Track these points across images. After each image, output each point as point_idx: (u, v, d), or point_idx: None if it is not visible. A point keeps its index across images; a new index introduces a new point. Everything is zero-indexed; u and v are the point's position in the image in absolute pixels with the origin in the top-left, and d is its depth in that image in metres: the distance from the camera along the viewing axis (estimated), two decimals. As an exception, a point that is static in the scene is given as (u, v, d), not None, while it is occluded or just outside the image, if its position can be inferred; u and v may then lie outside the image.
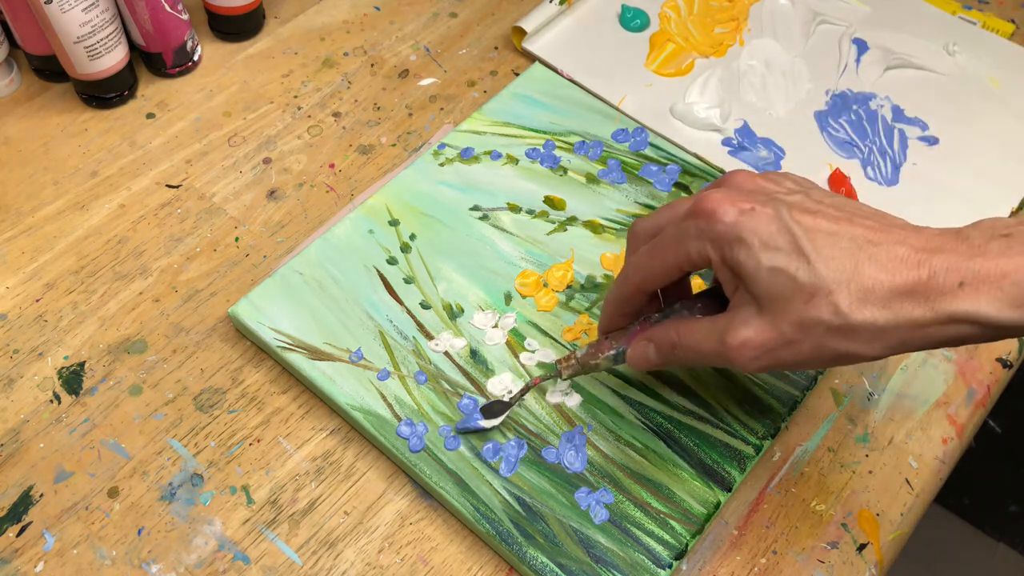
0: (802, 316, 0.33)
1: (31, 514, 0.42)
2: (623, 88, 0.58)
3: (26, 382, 0.46)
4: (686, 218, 0.36)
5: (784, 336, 0.33)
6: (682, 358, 0.37)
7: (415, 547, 0.41)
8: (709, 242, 0.34)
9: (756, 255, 0.33)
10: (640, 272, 0.38)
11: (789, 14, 0.63)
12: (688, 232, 0.35)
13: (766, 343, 0.34)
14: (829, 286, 0.32)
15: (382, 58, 0.61)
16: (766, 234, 0.33)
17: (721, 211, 0.34)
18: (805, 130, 0.56)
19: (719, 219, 0.34)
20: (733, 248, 0.34)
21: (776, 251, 0.33)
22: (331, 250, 0.49)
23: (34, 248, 0.51)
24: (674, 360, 0.38)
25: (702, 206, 0.35)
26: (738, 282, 0.35)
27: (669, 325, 0.38)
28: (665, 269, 0.37)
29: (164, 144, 0.56)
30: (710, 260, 0.35)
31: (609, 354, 0.40)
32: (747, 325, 0.34)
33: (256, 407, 0.45)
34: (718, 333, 0.35)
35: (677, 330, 0.37)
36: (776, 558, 0.42)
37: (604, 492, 0.41)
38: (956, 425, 0.46)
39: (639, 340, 0.39)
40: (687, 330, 0.37)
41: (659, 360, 0.38)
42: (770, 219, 0.33)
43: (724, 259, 0.34)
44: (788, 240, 0.33)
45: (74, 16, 0.51)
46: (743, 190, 0.36)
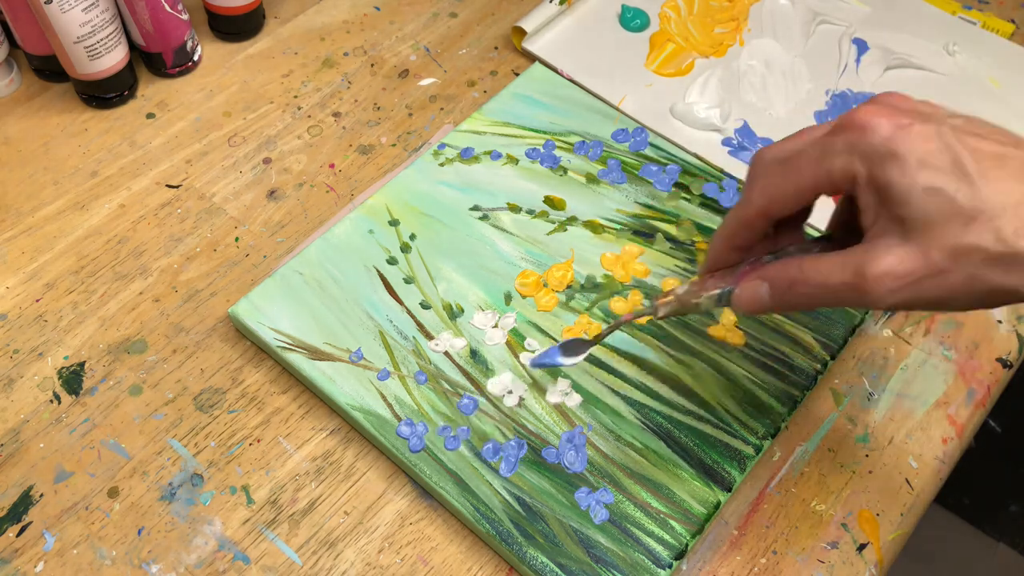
0: (958, 241, 0.29)
1: (31, 514, 0.42)
2: (623, 88, 0.58)
3: (26, 382, 0.46)
4: (833, 133, 0.32)
5: (933, 264, 0.30)
6: (803, 296, 0.33)
7: (415, 547, 0.41)
8: (859, 157, 0.31)
9: (911, 173, 0.30)
10: (767, 194, 0.34)
11: (789, 14, 0.63)
12: (834, 147, 0.31)
13: (911, 272, 0.30)
14: (993, 209, 0.29)
15: (382, 58, 0.61)
16: (924, 151, 0.30)
17: (875, 123, 0.30)
18: (805, 130, 0.56)
19: (873, 131, 0.30)
20: (885, 164, 0.30)
21: (935, 170, 0.30)
22: (331, 250, 0.49)
23: (34, 248, 0.51)
24: (792, 300, 0.33)
25: (854, 118, 0.31)
26: (882, 208, 0.31)
27: (788, 261, 0.34)
28: (799, 189, 0.33)
29: (164, 144, 0.56)
30: (855, 178, 0.31)
31: (713, 293, 0.36)
32: (889, 253, 0.30)
33: (256, 407, 0.45)
34: (853, 263, 0.31)
35: (799, 265, 0.33)
36: (776, 558, 0.42)
37: (604, 492, 0.41)
38: (956, 425, 0.46)
39: (751, 278, 0.35)
40: (812, 264, 0.33)
41: (773, 301, 0.34)
42: (930, 136, 0.30)
43: (872, 177, 0.31)
44: (949, 159, 0.30)
45: (74, 16, 0.51)
46: (899, 107, 0.32)
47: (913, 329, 0.49)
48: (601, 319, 0.47)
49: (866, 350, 0.48)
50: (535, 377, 0.45)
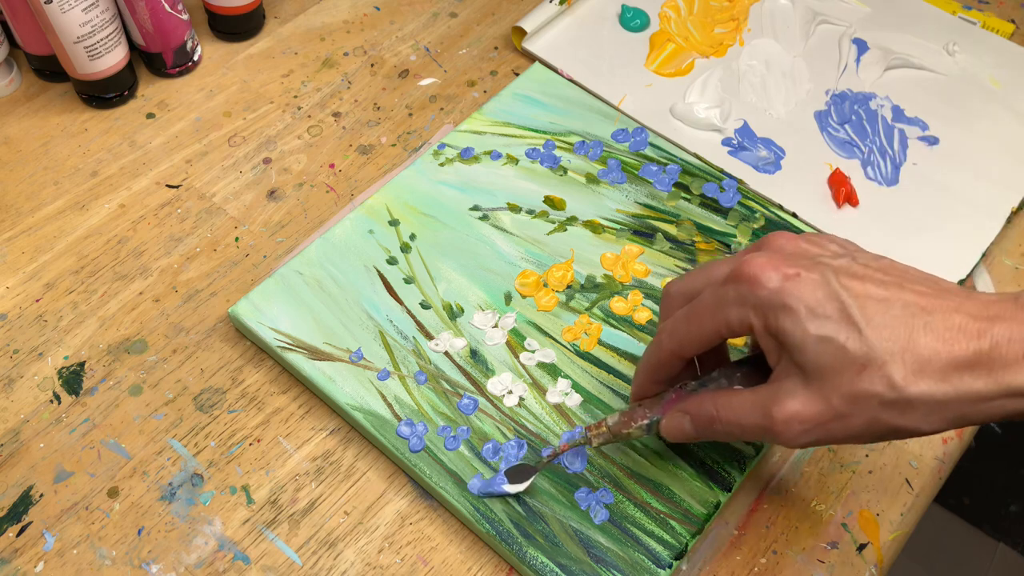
0: (853, 389, 0.31)
1: (31, 514, 0.42)
2: (623, 88, 0.58)
3: (26, 382, 0.46)
4: (726, 283, 0.34)
5: (835, 409, 0.32)
6: (721, 432, 0.35)
7: (415, 547, 0.41)
8: (751, 309, 0.33)
9: (803, 323, 0.31)
10: (675, 338, 0.36)
11: (789, 14, 0.63)
12: (728, 298, 0.33)
13: (816, 417, 0.32)
14: (882, 357, 0.31)
15: (382, 58, 0.61)
16: (813, 301, 0.31)
17: (764, 276, 0.32)
18: (805, 130, 0.56)
19: (762, 285, 0.32)
20: (778, 316, 0.32)
21: (824, 319, 0.31)
22: (331, 250, 0.49)
23: (34, 248, 0.51)
24: (712, 434, 0.36)
25: (743, 271, 0.33)
26: (782, 351, 0.33)
27: (706, 397, 0.36)
28: (702, 336, 0.35)
29: (164, 144, 0.56)
30: (751, 327, 0.33)
31: (642, 424, 0.38)
32: (793, 397, 0.32)
33: (256, 407, 0.45)
34: (762, 406, 0.33)
35: (715, 403, 0.35)
36: (776, 558, 0.42)
37: (604, 492, 0.41)
38: (956, 425, 0.46)
39: (674, 412, 0.37)
40: (726, 403, 0.35)
41: (696, 434, 0.36)
42: (816, 285, 0.32)
43: (767, 327, 0.32)
44: (837, 307, 0.31)
45: (74, 16, 0.51)
46: (785, 253, 0.34)
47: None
48: (601, 319, 0.47)
49: (866, 350, 0.48)
50: (535, 377, 0.45)
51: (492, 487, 0.41)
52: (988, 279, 0.51)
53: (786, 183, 0.53)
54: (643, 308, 0.47)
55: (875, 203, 0.53)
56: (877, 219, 0.52)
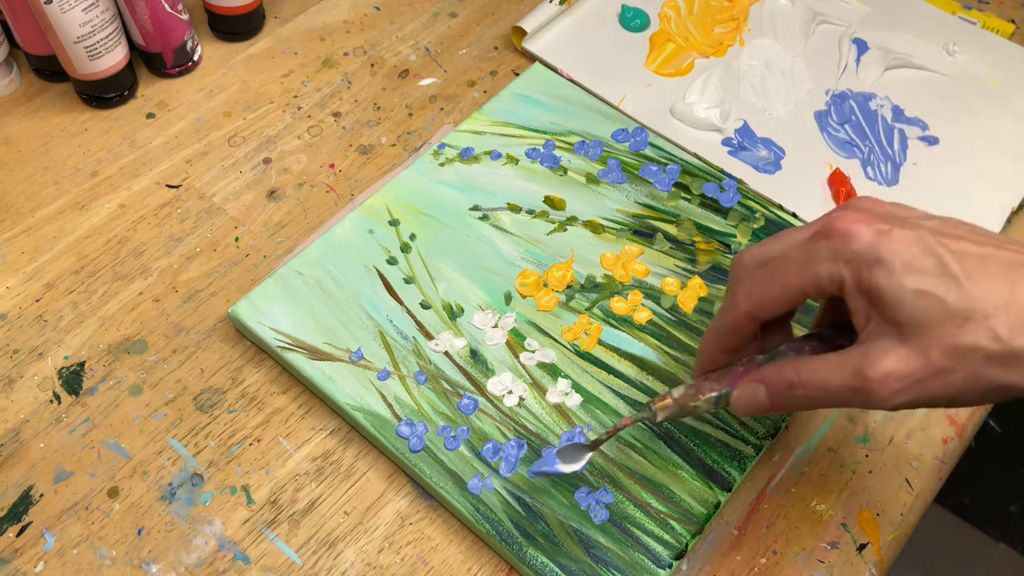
0: (956, 342, 0.30)
1: (31, 514, 0.42)
2: (623, 88, 0.58)
3: (26, 382, 0.46)
4: (815, 239, 0.33)
5: (934, 365, 0.30)
6: (803, 399, 0.34)
7: (415, 547, 0.41)
8: (844, 263, 0.32)
9: (898, 277, 0.30)
10: (753, 298, 0.34)
11: (789, 14, 0.63)
12: (818, 254, 0.32)
13: (914, 373, 0.31)
14: (985, 309, 0.30)
15: (382, 58, 0.61)
16: (909, 255, 0.31)
17: (856, 230, 0.31)
18: (805, 130, 0.56)
19: (856, 238, 0.31)
20: (872, 270, 0.31)
21: (922, 273, 0.30)
22: (331, 250, 0.49)
23: (34, 248, 0.51)
24: (792, 402, 0.34)
25: (835, 225, 0.32)
26: (872, 310, 0.32)
27: (784, 364, 0.34)
28: (787, 294, 0.33)
29: (164, 144, 0.56)
30: (842, 283, 0.32)
31: (711, 396, 0.36)
32: (889, 355, 0.31)
33: (256, 407, 0.45)
34: (852, 367, 0.32)
35: (796, 368, 0.33)
36: (776, 558, 0.42)
37: (604, 492, 0.41)
38: (956, 425, 0.46)
39: (747, 382, 0.35)
40: (809, 367, 0.33)
41: (771, 403, 0.35)
42: (912, 240, 0.31)
43: (860, 283, 0.31)
44: (934, 262, 0.30)
45: (74, 16, 0.51)
46: (875, 212, 0.33)
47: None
48: (601, 319, 0.47)
49: (866, 350, 0.48)
50: (535, 377, 0.45)
51: (544, 467, 0.40)
52: (988, 279, 0.51)
53: (786, 183, 0.53)
54: (643, 308, 0.47)
55: (875, 203, 0.53)
56: (877, 219, 0.52)
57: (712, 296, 0.48)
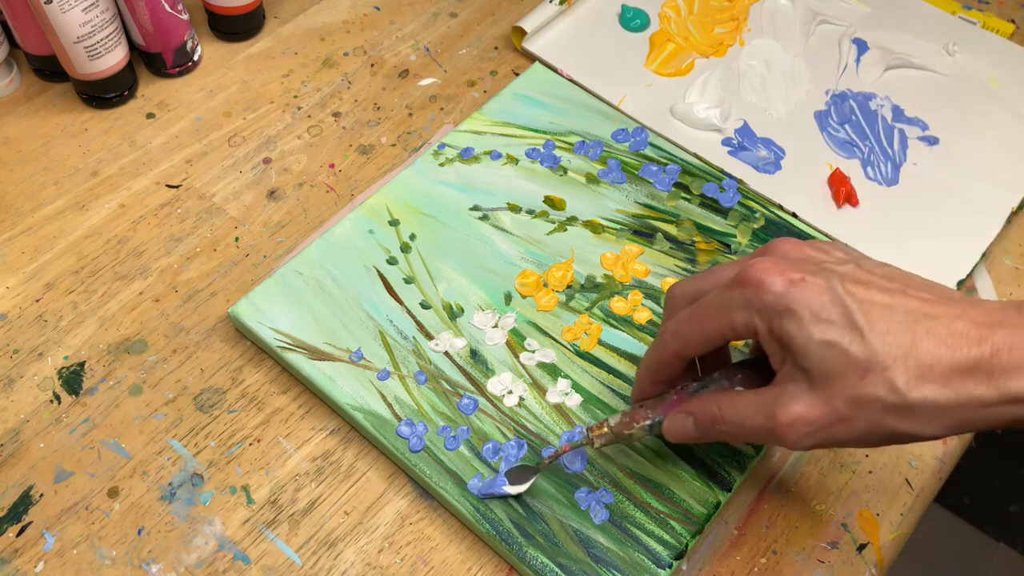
0: (856, 392, 0.31)
1: (31, 514, 0.42)
2: (623, 88, 0.58)
3: (26, 382, 0.46)
4: (731, 286, 0.34)
5: (837, 413, 0.32)
6: (725, 432, 0.35)
7: (415, 547, 0.41)
8: (756, 312, 0.33)
9: (807, 328, 0.32)
10: (679, 338, 0.36)
11: (789, 14, 0.63)
12: (734, 301, 0.34)
13: (819, 420, 0.32)
14: (885, 361, 0.31)
15: (382, 58, 0.61)
16: (817, 305, 0.32)
17: (769, 281, 0.33)
18: (805, 130, 0.56)
19: (767, 289, 0.33)
20: (783, 320, 0.32)
21: (828, 324, 0.32)
22: (331, 250, 0.49)
23: (34, 248, 0.51)
24: (715, 435, 0.36)
25: (749, 275, 0.33)
26: (786, 355, 0.33)
27: (710, 398, 0.36)
28: (707, 337, 0.35)
29: (164, 144, 0.56)
30: (756, 331, 0.34)
31: (644, 424, 0.38)
32: (797, 400, 0.33)
33: (256, 407, 0.45)
34: (765, 408, 0.33)
35: (719, 403, 0.35)
36: (776, 558, 0.42)
37: (604, 492, 0.41)
38: (956, 425, 0.46)
39: (677, 412, 0.37)
40: (730, 404, 0.35)
41: (698, 434, 0.36)
42: (821, 290, 0.32)
43: (772, 331, 0.33)
44: (841, 312, 0.32)
45: (74, 16, 0.51)
46: (791, 259, 0.34)
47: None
48: (601, 319, 0.47)
49: (866, 350, 0.48)
50: (535, 377, 0.45)
51: (492, 488, 0.41)
52: (988, 279, 0.51)
53: (786, 183, 0.53)
54: (643, 308, 0.47)
55: (875, 203, 0.53)
56: (877, 219, 0.52)
57: (712, 296, 0.48)
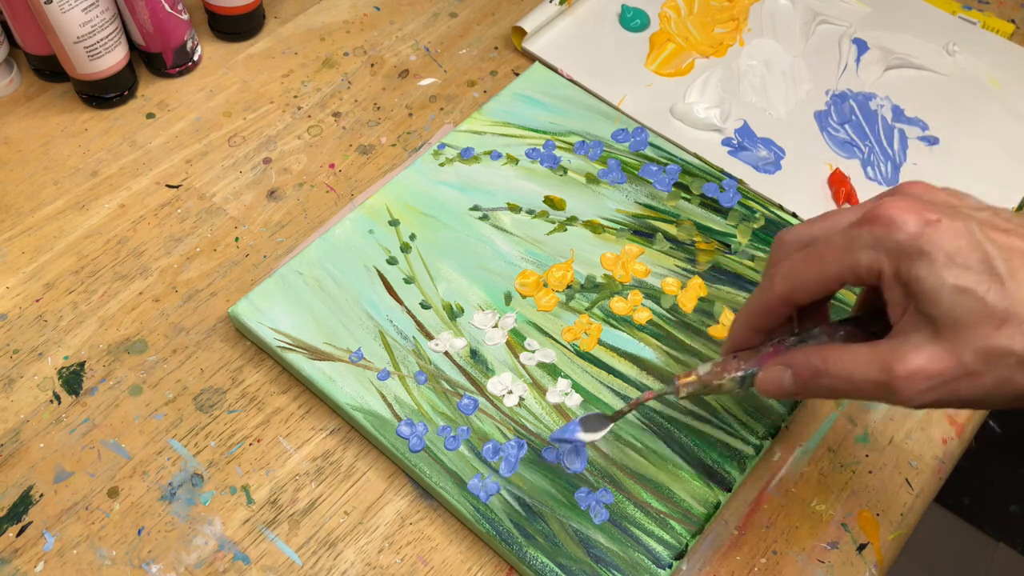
0: (990, 344, 0.29)
1: (31, 514, 0.42)
2: (623, 88, 0.58)
3: (26, 382, 0.46)
4: (858, 225, 0.32)
5: (965, 366, 0.29)
6: (827, 387, 0.33)
7: (415, 547, 0.41)
8: (885, 252, 0.30)
9: (939, 271, 0.29)
10: (790, 281, 0.33)
11: (789, 14, 0.63)
12: (861, 240, 0.31)
13: (943, 372, 0.30)
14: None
15: (382, 58, 0.61)
16: (953, 248, 0.29)
17: (903, 219, 0.30)
18: (805, 130, 0.56)
19: (900, 228, 0.30)
20: (913, 261, 0.30)
21: (964, 269, 0.29)
22: (331, 250, 0.49)
23: (34, 248, 0.51)
24: (816, 389, 0.33)
25: (880, 212, 0.31)
26: (910, 302, 0.31)
27: (812, 350, 0.33)
28: (823, 278, 0.32)
29: (164, 144, 0.56)
30: (880, 274, 0.31)
31: (736, 375, 0.36)
32: (919, 351, 0.30)
33: (256, 407, 0.45)
34: (881, 360, 0.31)
35: (823, 355, 0.32)
36: (776, 558, 0.42)
37: (604, 492, 0.41)
38: (956, 425, 0.46)
39: (773, 363, 0.34)
40: (837, 356, 0.32)
41: (796, 388, 0.34)
42: (959, 233, 0.29)
43: (899, 273, 0.30)
44: (979, 258, 0.29)
45: (74, 16, 0.51)
46: (925, 200, 0.31)
47: (913, 329, 0.49)
48: (601, 319, 0.47)
49: (866, 350, 0.48)
50: (535, 377, 0.45)
51: (566, 433, 0.40)
52: (988, 279, 0.51)
53: (786, 183, 0.53)
54: (643, 308, 0.47)
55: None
56: (877, 219, 0.52)
57: (712, 296, 0.48)
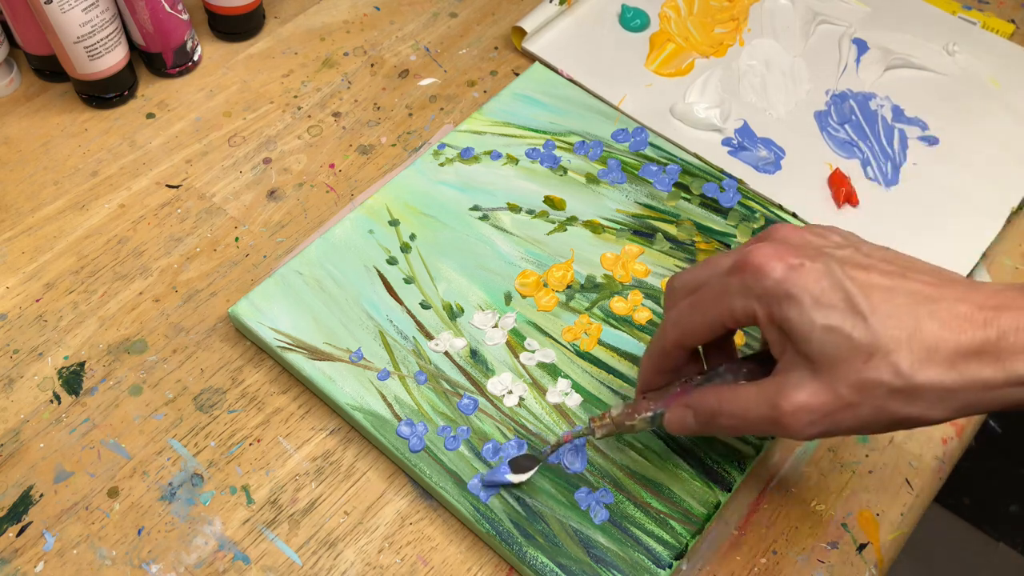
0: (861, 377, 0.31)
1: (31, 514, 0.42)
2: (623, 88, 0.58)
3: (26, 382, 0.46)
4: (730, 273, 0.34)
5: (843, 399, 0.31)
6: (726, 425, 0.35)
7: (415, 547, 0.41)
8: (756, 299, 0.33)
9: (808, 313, 0.31)
10: (679, 327, 0.36)
11: (789, 14, 0.63)
12: (732, 288, 0.33)
13: (823, 407, 0.32)
14: (888, 345, 0.30)
15: (382, 58, 0.61)
16: (817, 290, 0.31)
17: (769, 266, 0.32)
18: (805, 130, 0.56)
19: (766, 274, 0.32)
20: (782, 305, 0.32)
21: (829, 308, 0.31)
22: (331, 250, 0.49)
23: (34, 248, 0.51)
24: (715, 428, 0.36)
25: (748, 260, 0.33)
26: (787, 342, 0.33)
27: (709, 391, 0.36)
28: (707, 325, 0.35)
29: (164, 144, 0.56)
30: (756, 317, 0.33)
31: (646, 415, 0.38)
32: (800, 388, 0.32)
33: (256, 407, 0.45)
34: (768, 398, 0.33)
35: (718, 397, 0.35)
36: (776, 558, 0.42)
37: (604, 492, 0.41)
38: (956, 425, 0.46)
39: (677, 405, 0.37)
40: (730, 396, 0.35)
41: (698, 427, 0.36)
42: (821, 275, 0.32)
43: (772, 317, 0.32)
44: (842, 296, 0.31)
45: (74, 16, 0.51)
46: (789, 244, 0.33)
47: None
48: (601, 319, 0.47)
49: (866, 350, 0.48)
50: (535, 377, 0.45)
51: (496, 476, 0.41)
52: (988, 279, 0.51)
53: (786, 183, 0.53)
54: (643, 308, 0.47)
55: (875, 203, 0.53)
56: (877, 219, 0.52)
57: (712, 296, 0.48)
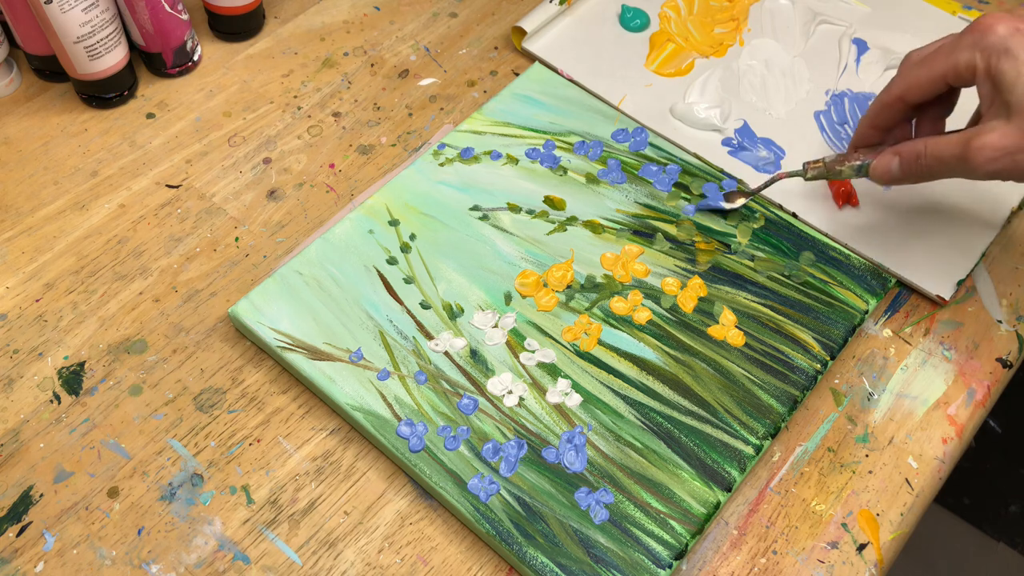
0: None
1: (31, 514, 0.42)
2: (623, 88, 0.58)
3: (26, 382, 0.46)
4: (963, 33, 0.40)
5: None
6: (925, 168, 0.42)
7: (415, 547, 0.41)
8: (980, 52, 0.39)
9: (1019, 67, 0.38)
10: (905, 81, 0.43)
11: (789, 14, 0.63)
12: (962, 43, 0.40)
13: (1007, 146, 0.38)
14: None
15: (382, 58, 0.61)
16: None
17: (998, 25, 0.39)
18: (805, 130, 0.56)
19: (994, 31, 0.39)
20: (1000, 58, 0.38)
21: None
22: (331, 250, 0.49)
23: (34, 248, 0.51)
24: (917, 171, 0.42)
25: (981, 21, 0.40)
26: (995, 95, 0.39)
27: (917, 140, 0.43)
28: (931, 78, 0.41)
29: (164, 144, 0.56)
30: (975, 70, 0.39)
31: (854, 163, 0.45)
32: (993, 130, 0.38)
33: (256, 407, 0.45)
34: (964, 139, 0.39)
35: (925, 142, 0.42)
36: (776, 558, 0.42)
37: (604, 492, 0.41)
38: (956, 425, 0.46)
39: (886, 153, 0.44)
40: (935, 140, 0.41)
41: (902, 172, 0.43)
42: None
43: (989, 70, 0.39)
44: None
45: (74, 16, 0.51)
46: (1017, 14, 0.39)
47: (913, 329, 0.49)
48: (601, 319, 0.47)
49: (866, 350, 0.48)
50: (535, 377, 0.45)
51: (710, 203, 0.49)
52: (988, 279, 0.51)
53: (786, 183, 0.53)
54: (643, 308, 0.47)
55: (875, 203, 0.53)
56: (877, 219, 0.52)
57: (712, 296, 0.48)
